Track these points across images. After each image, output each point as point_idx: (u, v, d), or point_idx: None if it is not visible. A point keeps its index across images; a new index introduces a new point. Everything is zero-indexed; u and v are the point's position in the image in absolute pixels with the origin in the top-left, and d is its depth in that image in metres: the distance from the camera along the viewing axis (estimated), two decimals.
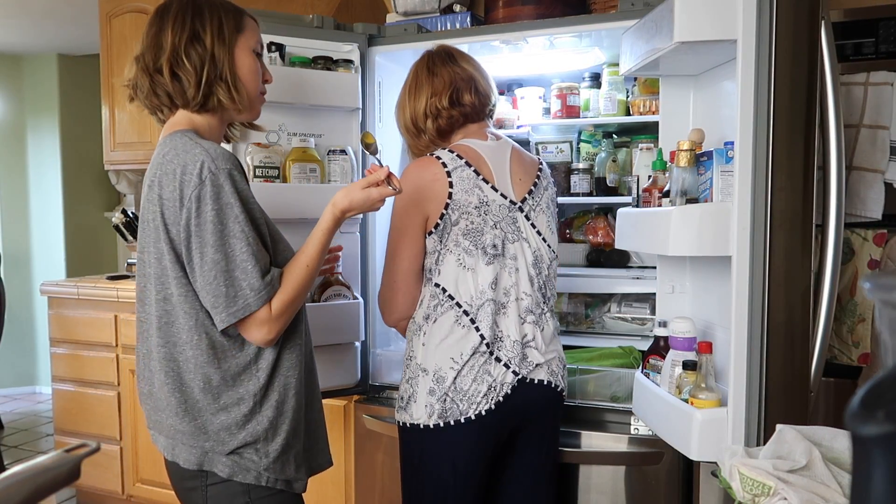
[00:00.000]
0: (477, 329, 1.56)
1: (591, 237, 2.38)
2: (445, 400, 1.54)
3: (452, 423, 1.54)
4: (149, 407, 1.40)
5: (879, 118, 1.77)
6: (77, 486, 3.20)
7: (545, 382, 1.62)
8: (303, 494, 1.45)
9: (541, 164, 1.72)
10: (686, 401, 1.51)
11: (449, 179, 1.58)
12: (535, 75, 2.42)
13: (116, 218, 3.60)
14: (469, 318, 1.56)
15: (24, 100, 5.15)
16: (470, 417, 1.54)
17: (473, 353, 1.55)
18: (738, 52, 1.39)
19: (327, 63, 2.09)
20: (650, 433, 1.82)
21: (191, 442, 1.33)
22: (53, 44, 4.80)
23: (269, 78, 1.46)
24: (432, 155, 1.62)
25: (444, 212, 1.57)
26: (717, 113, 1.68)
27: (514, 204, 1.62)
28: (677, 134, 1.70)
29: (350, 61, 2.12)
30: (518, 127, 2.38)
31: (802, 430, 1.12)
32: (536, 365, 1.60)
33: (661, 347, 1.70)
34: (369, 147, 1.56)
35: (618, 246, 1.87)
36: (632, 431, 1.89)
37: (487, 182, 1.60)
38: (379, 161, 1.53)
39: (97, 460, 3.08)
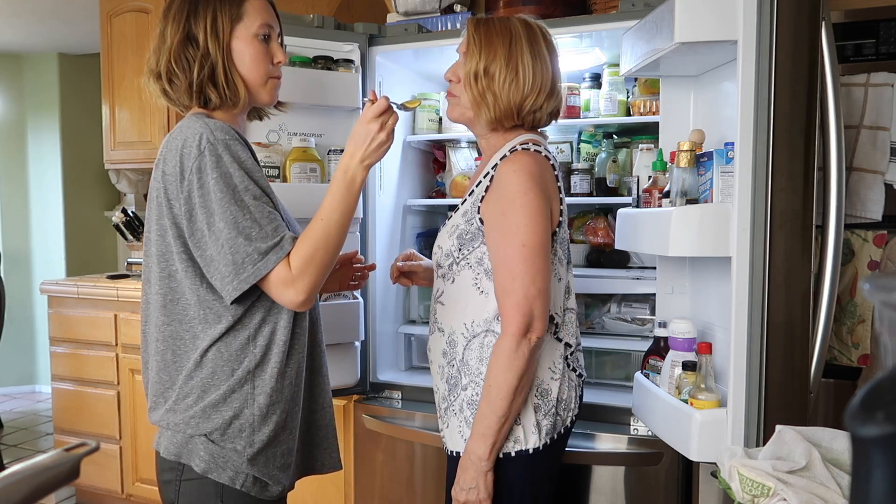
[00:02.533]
0: (560, 339, 1.44)
1: (591, 237, 2.38)
2: (555, 414, 1.42)
3: (556, 436, 1.43)
4: (149, 394, 1.37)
5: (880, 119, 1.77)
6: (76, 485, 3.20)
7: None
8: (286, 498, 1.39)
9: None
10: (686, 401, 1.51)
11: (558, 185, 1.43)
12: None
13: (117, 217, 3.60)
14: (555, 325, 1.43)
15: (24, 99, 5.15)
16: (568, 426, 1.46)
17: (563, 360, 1.45)
18: (739, 52, 1.39)
19: (328, 63, 2.09)
20: (650, 433, 1.82)
21: (174, 423, 1.29)
22: (54, 43, 4.80)
23: (281, 59, 1.38)
24: (527, 148, 1.40)
25: (560, 218, 1.43)
26: (717, 113, 1.68)
27: None
28: (677, 134, 1.70)
29: (350, 61, 2.12)
30: None
31: (802, 431, 1.12)
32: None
33: (660, 348, 1.70)
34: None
35: (618, 246, 1.87)
36: (631, 432, 1.89)
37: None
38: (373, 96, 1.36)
39: (96, 459, 3.07)
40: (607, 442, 1.91)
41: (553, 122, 1.51)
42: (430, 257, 1.61)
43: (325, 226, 1.27)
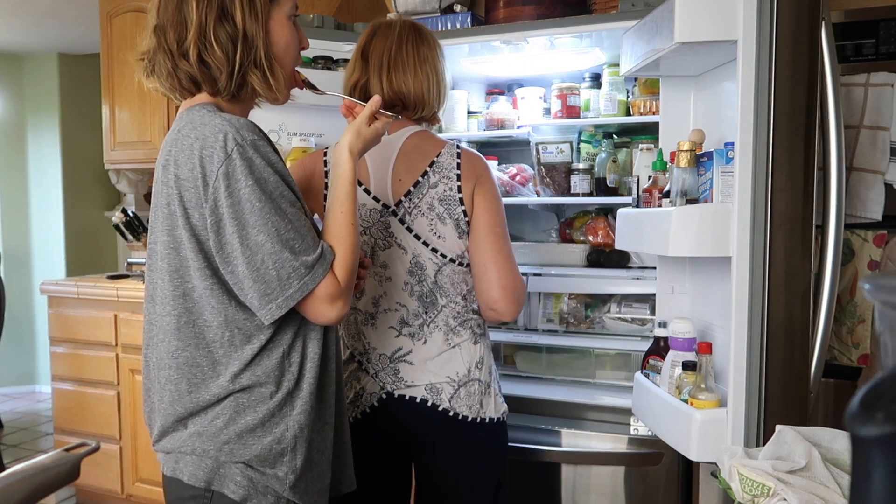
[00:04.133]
0: (344, 341, 1.55)
1: (591, 237, 2.38)
2: None
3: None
4: (156, 423, 1.21)
5: (880, 119, 1.77)
6: (76, 485, 3.20)
7: (419, 400, 1.50)
8: None
9: (437, 156, 1.51)
10: (686, 401, 1.51)
11: (325, 180, 1.52)
12: (536, 75, 2.42)
13: (116, 217, 3.60)
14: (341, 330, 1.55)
15: (24, 99, 5.15)
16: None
17: (347, 363, 1.55)
18: (739, 52, 1.39)
19: (328, 63, 2.09)
20: (650, 434, 1.82)
21: (202, 449, 1.14)
22: (54, 43, 4.80)
23: (305, 44, 1.27)
24: (327, 147, 1.57)
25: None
26: (717, 113, 1.68)
27: (388, 208, 1.50)
28: (677, 134, 1.70)
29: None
30: (518, 127, 2.39)
31: (802, 431, 1.12)
32: (412, 381, 1.51)
33: (660, 348, 1.70)
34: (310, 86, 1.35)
35: (618, 246, 1.87)
36: (631, 432, 1.89)
37: (361, 184, 1.50)
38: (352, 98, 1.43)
39: (96, 459, 3.07)
40: (607, 442, 1.90)
41: None
42: None
43: (350, 224, 1.20)
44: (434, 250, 1.49)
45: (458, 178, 1.49)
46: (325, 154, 1.57)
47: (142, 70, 1.21)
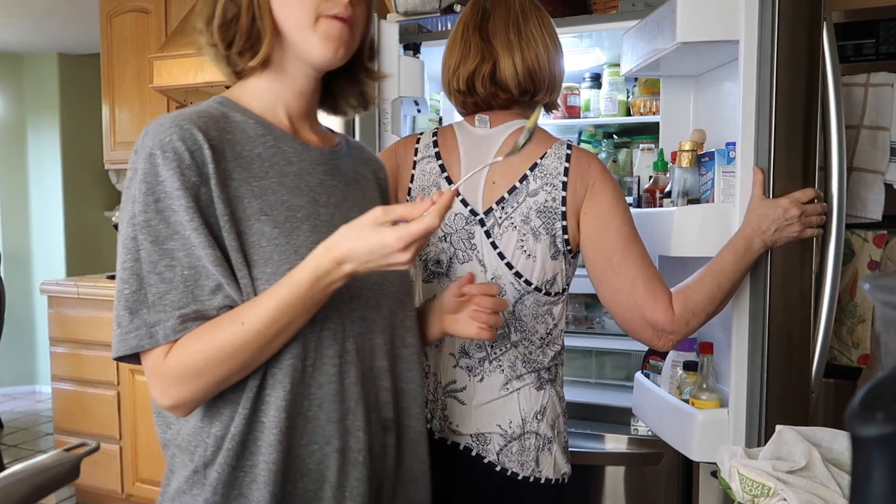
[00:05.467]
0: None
1: None
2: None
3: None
4: None
5: (880, 119, 1.77)
6: (76, 485, 3.20)
7: (462, 447, 1.27)
8: None
9: (541, 158, 1.25)
10: (687, 401, 1.51)
11: (412, 171, 1.34)
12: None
13: (116, 217, 3.60)
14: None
15: (24, 99, 5.15)
16: None
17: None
18: (741, 52, 1.39)
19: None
20: (650, 433, 1.82)
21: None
22: (54, 43, 4.80)
23: None
24: (421, 133, 1.38)
25: None
26: (717, 114, 1.68)
27: (475, 215, 1.27)
28: (678, 134, 1.70)
29: None
30: None
31: (802, 431, 1.12)
32: (457, 425, 1.27)
33: None
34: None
35: None
36: (631, 432, 1.89)
37: (451, 182, 1.29)
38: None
39: (96, 459, 3.07)
40: (607, 442, 1.90)
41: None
42: None
43: (241, 340, 0.85)
44: (518, 275, 1.24)
45: (564, 186, 1.23)
46: (418, 141, 1.36)
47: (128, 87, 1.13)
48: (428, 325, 1.17)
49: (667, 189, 1.60)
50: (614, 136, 2.37)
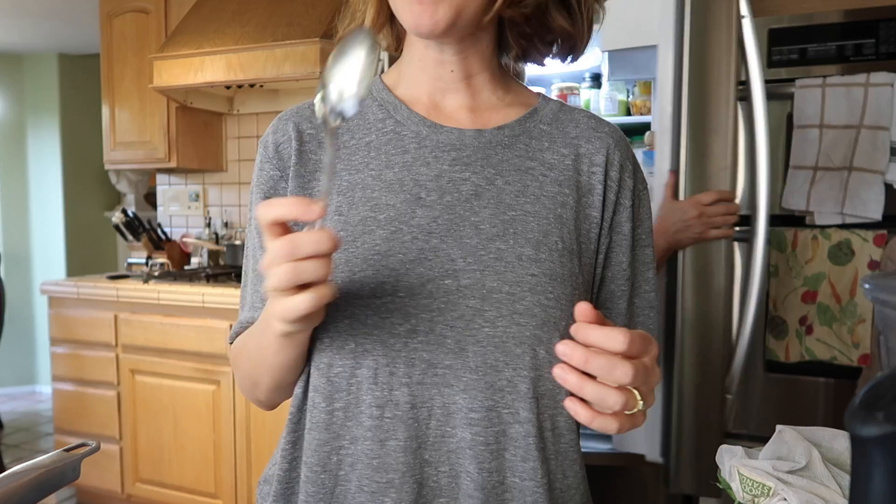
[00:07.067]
0: None
1: None
2: None
3: None
4: None
5: (880, 119, 1.77)
6: (77, 485, 3.20)
7: None
8: None
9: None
10: None
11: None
12: (536, 75, 2.42)
13: (116, 217, 3.60)
14: None
15: (24, 100, 5.15)
16: None
17: None
18: (658, 58, 1.44)
19: None
20: None
21: None
22: (54, 44, 4.80)
23: None
24: None
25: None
26: None
27: None
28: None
29: None
30: None
31: (802, 431, 1.12)
32: None
33: None
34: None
35: None
36: None
37: None
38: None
39: (97, 460, 3.07)
40: (607, 442, 1.90)
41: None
42: None
43: (243, 360, 0.81)
44: None
45: None
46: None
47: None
48: None
49: None
50: None
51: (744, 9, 1.42)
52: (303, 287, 0.57)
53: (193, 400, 2.88)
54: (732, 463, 1.12)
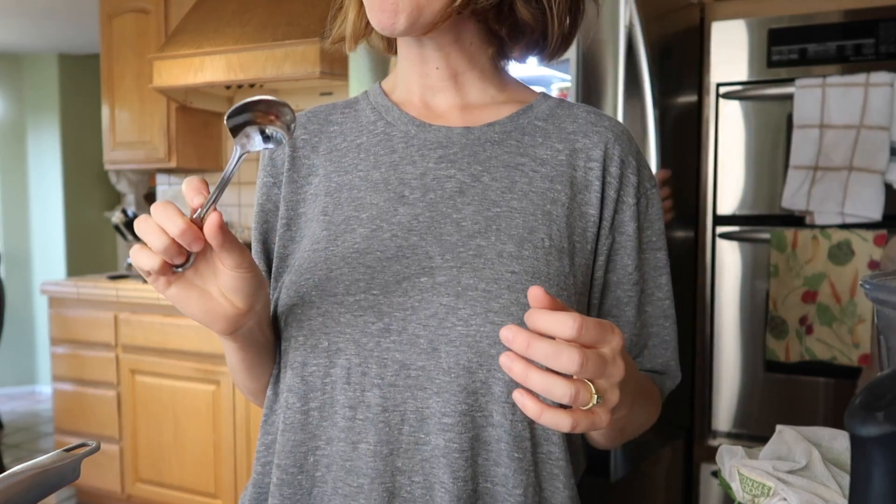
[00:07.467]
0: None
1: None
2: None
3: None
4: None
5: (880, 119, 1.77)
6: (77, 485, 3.20)
7: None
8: None
9: None
10: None
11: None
12: (536, 75, 2.42)
13: (116, 217, 3.60)
14: None
15: (24, 100, 5.15)
16: None
17: None
18: (570, 69, 1.53)
19: None
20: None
21: None
22: (54, 44, 4.80)
23: None
24: None
25: None
26: None
27: None
28: None
29: None
30: None
31: (802, 431, 1.12)
32: None
33: None
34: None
35: None
36: None
37: None
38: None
39: (97, 460, 3.07)
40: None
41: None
42: None
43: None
44: None
45: None
46: None
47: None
48: None
49: None
50: None
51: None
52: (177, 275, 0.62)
53: (193, 400, 2.88)
54: (732, 463, 1.12)
